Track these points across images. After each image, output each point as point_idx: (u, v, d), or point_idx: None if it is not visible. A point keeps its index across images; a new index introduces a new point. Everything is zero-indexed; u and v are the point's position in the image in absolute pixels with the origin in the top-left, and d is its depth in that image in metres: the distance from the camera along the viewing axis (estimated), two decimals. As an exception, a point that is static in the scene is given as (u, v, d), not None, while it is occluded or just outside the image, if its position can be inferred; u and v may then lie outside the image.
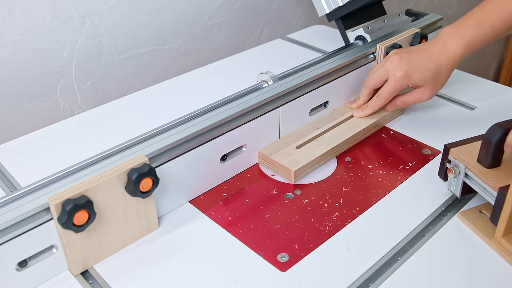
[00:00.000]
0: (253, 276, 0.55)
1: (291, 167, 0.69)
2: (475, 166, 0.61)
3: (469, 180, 0.62)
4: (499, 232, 0.58)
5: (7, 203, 0.52)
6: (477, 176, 0.60)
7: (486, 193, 0.60)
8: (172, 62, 1.10)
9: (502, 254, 0.58)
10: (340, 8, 0.90)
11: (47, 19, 0.88)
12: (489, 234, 0.60)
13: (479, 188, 0.61)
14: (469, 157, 0.62)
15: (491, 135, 0.59)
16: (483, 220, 0.62)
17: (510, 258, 0.57)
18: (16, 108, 0.90)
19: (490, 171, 0.60)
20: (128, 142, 0.62)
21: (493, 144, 0.59)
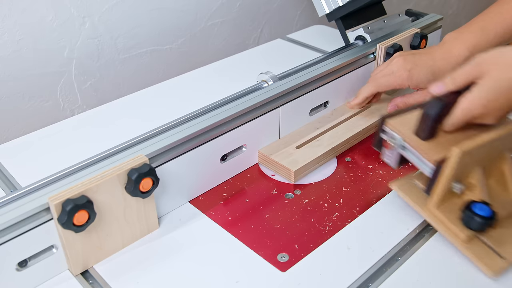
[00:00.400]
0: (253, 276, 0.55)
1: (291, 167, 0.69)
2: (412, 138, 0.61)
3: (406, 152, 0.62)
4: (433, 203, 0.59)
5: (7, 203, 0.52)
6: (414, 148, 0.61)
7: (422, 165, 0.60)
8: (172, 62, 1.10)
9: (435, 223, 0.59)
10: (340, 8, 0.90)
11: (47, 19, 0.88)
12: (422, 204, 0.60)
13: (415, 160, 0.61)
14: (405, 129, 0.62)
15: (430, 109, 0.59)
16: (416, 190, 0.62)
17: (443, 227, 0.58)
18: (16, 108, 0.90)
19: (426, 144, 0.60)
20: (128, 142, 0.62)
21: (432, 118, 0.59)
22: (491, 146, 0.58)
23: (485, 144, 0.57)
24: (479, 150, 0.57)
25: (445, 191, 0.58)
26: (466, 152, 0.55)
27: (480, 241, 0.57)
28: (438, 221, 0.59)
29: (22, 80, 0.89)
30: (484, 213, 0.55)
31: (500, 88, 0.56)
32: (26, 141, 0.76)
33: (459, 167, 0.56)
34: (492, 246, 0.57)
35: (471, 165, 0.58)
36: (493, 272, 0.54)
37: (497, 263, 0.55)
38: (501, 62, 0.57)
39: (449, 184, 0.58)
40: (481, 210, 0.55)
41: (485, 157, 0.59)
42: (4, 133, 0.90)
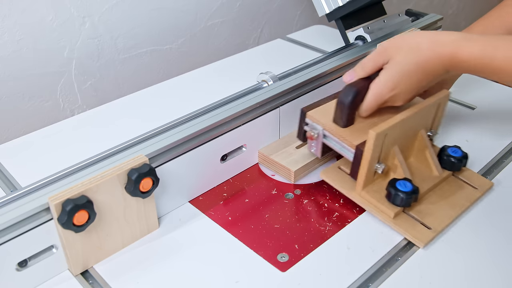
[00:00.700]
0: (253, 276, 0.55)
1: (291, 167, 0.69)
2: (332, 127, 0.64)
3: (328, 140, 0.65)
4: (359, 185, 0.63)
5: (7, 203, 0.52)
6: (334, 136, 0.64)
7: (344, 151, 0.63)
8: (172, 62, 1.10)
9: (364, 204, 0.62)
10: (340, 8, 0.90)
11: (47, 19, 0.88)
12: (350, 188, 0.64)
13: (338, 147, 0.64)
14: (325, 118, 0.65)
15: (344, 97, 0.62)
16: (343, 176, 0.66)
17: (372, 207, 0.62)
18: (16, 108, 0.90)
19: (346, 130, 0.64)
20: (128, 142, 0.62)
21: (347, 105, 0.62)
22: (404, 125, 0.62)
23: (399, 124, 0.61)
24: (394, 130, 0.61)
25: (369, 173, 0.62)
26: (381, 134, 0.59)
27: (408, 216, 0.61)
28: (366, 202, 0.62)
29: (22, 80, 0.89)
30: (406, 189, 0.59)
31: (404, 71, 0.60)
32: (26, 141, 0.76)
33: (378, 148, 0.60)
34: (419, 219, 0.61)
35: (390, 146, 0.62)
36: (423, 243, 0.58)
37: (425, 234, 0.59)
38: (404, 47, 0.61)
39: (372, 165, 0.61)
40: (403, 186, 0.59)
41: (401, 136, 0.63)
42: (4, 133, 0.90)
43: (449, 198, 0.64)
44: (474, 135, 0.78)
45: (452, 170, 0.67)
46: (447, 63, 0.60)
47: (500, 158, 0.73)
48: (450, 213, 0.62)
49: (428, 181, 0.65)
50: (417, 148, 0.67)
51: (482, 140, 0.77)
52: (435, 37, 0.60)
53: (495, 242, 0.59)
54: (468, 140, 0.77)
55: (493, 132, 0.79)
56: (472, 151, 0.74)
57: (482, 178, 0.67)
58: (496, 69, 0.58)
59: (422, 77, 0.61)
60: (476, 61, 0.58)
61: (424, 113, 0.65)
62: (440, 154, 0.67)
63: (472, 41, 0.58)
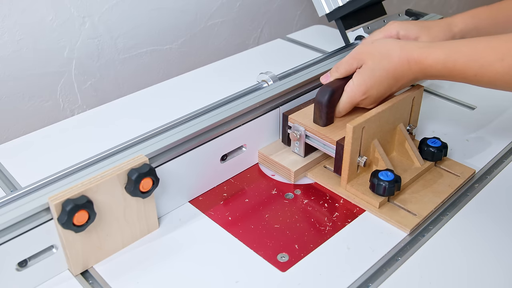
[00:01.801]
0: (253, 276, 0.55)
1: (291, 167, 0.69)
2: (313, 127, 0.68)
3: (310, 140, 0.69)
4: (344, 180, 0.66)
5: (7, 203, 0.52)
6: (316, 135, 0.67)
7: (326, 148, 0.67)
8: (172, 62, 1.10)
9: (350, 198, 0.65)
10: (340, 8, 0.90)
11: (47, 19, 0.88)
12: (335, 184, 0.67)
13: (320, 145, 0.68)
14: (306, 120, 0.69)
15: (321, 97, 0.66)
16: (329, 173, 0.69)
17: (358, 200, 0.65)
18: (16, 108, 0.90)
19: (326, 129, 0.67)
20: (128, 142, 0.62)
21: (324, 104, 0.66)
22: (381, 118, 0.65)
23: (375, 117, 0.64)
24: (371, 123, 0.64)
25: (352, 167, 0.65)
26: (358, 127, 0.62)
27: (393, 205, 0.64)
28: (352, 195, 0.65)
29: (22, 80, 0.89)
30: (388, 178, 0.62)
31: (376, 77, 0.64)
32: (26, 141, 0.76)
33: (357, 141, 0.63)
34: (403, 206, 0.63)
35: (369, 139, 0.65)
36: (409, 228, 0.60)
37: (410, 219, 0.61)
38: (376, 53, 0.64)
39: (353, 159, 0.64)
40: (386, 176, 0.62)
41: (379, 130, 0.66)
42: (4, 133, 0.90)
43: (433, 186, 0.66)
44: (474, 135, 0.78)
45: (433, 160, 0.69)
46: (416, 70, 0.63)
47: (500, 158, 0.73)
48: (435, 200, 0.64)
49: (410, 171, 0.67)
50: (398, 142, 0.70)
51: (482, 140, 0.77)
52: (404, 44, 0.64)
53: (495, 242, 0.59)
54: (468, 140, 0.77)
55: (493, 132, 0.79)
56: (472, 151, 0.74)
57: (463, 166, 0.70)
58: (460, 73, 0.60)
59: (393, 82, 0.65)
60: (441, 66, 0.61)
61: (400, 107, 0.68)
62: (421, 146, 0.69)
63: (436, 48, 0.61)
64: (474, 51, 0.58)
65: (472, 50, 0.59)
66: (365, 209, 0.64)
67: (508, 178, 0.69)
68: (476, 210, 0.64)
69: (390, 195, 0.62)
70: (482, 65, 0.58)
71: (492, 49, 0.57)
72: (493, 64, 0.57)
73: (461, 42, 0.61)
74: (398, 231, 0.61)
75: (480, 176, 0.70)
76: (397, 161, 0.70)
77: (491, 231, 0.61)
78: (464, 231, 0.61)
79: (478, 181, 0.69)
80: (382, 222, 0.62)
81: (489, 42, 0.58)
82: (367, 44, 0.66)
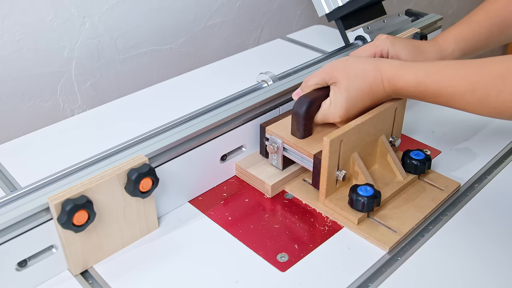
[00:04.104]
0: (253, 276, 0.55)
1: (268, 181, 0.66)
2: (290, 139, 0.65)
3: (288, 153, 0.66)
4: (322, 194, 0.63)
5: (7, 203, 0.52)
6: (293, 148, 0.65)
7: (304, 162, 0.64)
8: (172, 62, 1.10)
9: (329, 213, 0.63)
10: (340, 8, 0.90)
11: (47, 19, 0.88)
12: (314, 198, 0.65)
13: (297, 158, 0.65)
14: (283, 132, 0.66)
15: (298, 108, 0.64)
16: (307, 187, 0.67)
17: (336, 215, 0.62)
18: (16, 108, 0.90)
19: (303, 141, 0.65)
20: (128, 142, 0.62)
21: (302, 116, 0.64)
22: (361, 131, 0.63)
23: (354, 129, 0.62)
24: (350, 136, 0.61)
25: (330, 181, 0.62)
26: (336, 140, 0.59)
27: (372, 221, 0.61)
28: (331, 211, 0.63)
29: (22, 80, 0.89)
30: (367, 193, 0.59)
31: (352, 97, 0.62)
32: (26, 141, 0.76)
33: (335, 155, 0.61)
34: (383, 223, 0.61)
35: (348, 152, 0.63)
36: (388, 246, 0.58)
37: (390, 237, 0.59)
38: (351, 73, 0.63)
39: (331, 173, 0.62)
40: (365, 191, 0.59)
41: (359, 142, 0.64)
42: (4, 133, 0.90)
43: (415, 201, 0.64)
44: (474, 135, 0.78)
45: (416, 173, 0.66)
46: (389, 90, 0.62)
47: (500, 158, 0.73)
48: (417, 215, 0.61)
49: (392, 185, 0.65)
50: (380, 155, 0.68)
51: (482, 140, 0.77)
52: (378, 64, 0.62)
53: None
54: (468, 140, 0.77)
55: (493, 132, 0.78)
56: (472, 151, 0.74)
57: (448, 179, 0.67)
58: (432, 97, 0.59)
59: (368, 102, 0.63)
60: (413, 89, 0.60)
61: (381, 118, 0.65)
62: (403, 158, 0.67)
63: (409, 70, 0.60)
64: (443, 78, 0.57)
65: (441, 77, 0.57)
66: (343, 225, 0.61)
67: (509, 178, 0.69)
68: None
69: (369, 211, 0.60)
70: (452, 94, 0.56)
71: (461, 78, 0.55)
72: (464, 94, 0.55)
73: (432, 67, 0.59)
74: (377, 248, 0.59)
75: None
76: (379, 174, 0.67)
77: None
78: (464, 231, 0.61)
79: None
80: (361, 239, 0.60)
81: (458, 70, 0.56)
82: (342, 61, 0.64)
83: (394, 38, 0.72)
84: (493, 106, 0.53)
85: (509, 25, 0.72)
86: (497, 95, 0.52)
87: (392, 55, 0.71)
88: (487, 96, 0.53)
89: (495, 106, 0.53)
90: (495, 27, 0.72)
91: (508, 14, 0.71)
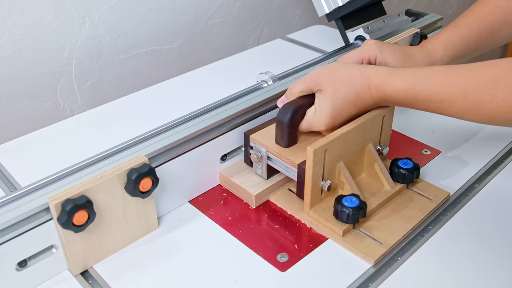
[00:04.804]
0: (253, 276, 0.55)
1: (252, 190, 0.65)
2: (275, 148, 0.64)
3: (272, 162, 0.65)
4: (307, 205, 0.61)
5: (7, 203, 0.52)
6: (277, 157, 0.63)
7: (288, 171, 0.63)
8: (172, 62, 1.10)
9: (313, 224, 0.61)
10: (340, 8, 0.90)
11: (47, 19, 0.88)
12: (298, 209, 0.63)
13: (282, 168, 0.64)
14: (268, 140, 0.65)
15: (282, 116, 0.62)
16: (292, 197, 0.65)
17: (321, 226, 0.60)
18: (16, 108, 0.90)
19: (288, 150, 0.63)
20: (128, 142, 0.62)
21: (286, 124, 0.62)
22: (346, 140, 0.61)
23: (339, 138, 0.60)
24: (335, 145, 0.60)
25: (314, 191, 0.60)
26: (320, 150, 0.58)
27: (358, 232, 0.60)
28: (315, 222, 0.61)
29: (22, 80, 0.89)
30: (352, 204, 0.58)
31: (337, 105, 0.60)
32: (26, 141, 0.76)
33: (319, 165, 0.59)
34: (369, 234, 0.59)
35: (334, 162, 0.61)
36: (373, 259, 0.56)
37: (375, 250, 0.57)
38: (336, 81, 0.61)
39: (316, 183, 0.60)
40: (350, 202, 0.58)
41: (345, 151, 0.62)
42: (4, 133, 0.90)
43: (403, 211, 0.62)
44: (474, 135, 0.78)
45: (405, 182, 0.65)
46: (376, 97, 0.61)
47: (500, 158, 0.73)
48: (404, 226, 0.60)
49: (379, 195, 0.63)
50: (367, 163, 0.66)
51: (482, 140, 0.77)
52: (365, 71, 0.61)
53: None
54: (468, 140, 0.77)
55: (493, 132, 0.78)
56: (472, 151, 0.74)
57: (437, 188, 0.66)
58: (422, 104, 0.57)
59: (354, 110, 0.62)
60: (402, 96, 0.58)
61: (368, 126, 0.64)
62: (391, 167, 0.65)
63: (397, 76, 0.58)
64: (433, 84, 0.56)
65: (431, 83, 0.56)
66: (328, 237, 0.60)
67: (508, 178, 0.69)
68: (476, 208, 0.63)
69: (354, 222, 0.58)
70: (443, 100, 0.55)
71: (452, 84, 0.54)
72: (455, 100, 0.54)
73: (422, 73, 0.57)
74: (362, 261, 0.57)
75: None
76: (366, 184, 0.65)
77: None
78: (463, 230, 0.61)
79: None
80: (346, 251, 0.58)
81: (448, 76, 0.55)
82: (328, 68, 0.62)
83: (382, 43, 0.69)
84: (486, 112, 0.52)
85: (498, 29, 0.71)
86: (490, 99, 0.51)
87: (380, 61, 0.69)
88: (479, 101, 0.52)
89: (488, 111, 0.52)
90: (484, 32, 0.71)
91: (496, 18, 0.70)
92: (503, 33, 0.71)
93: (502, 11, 0.70)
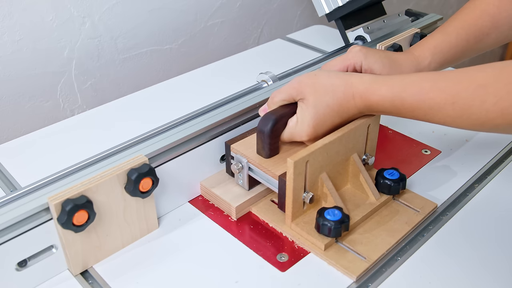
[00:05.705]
0: (253, 276, 0.55)
1: (233, 202, 0.63)
2: (256, 158, 0.62)
3: (253, 173, 0.63)
4: (288, 217, 0.59)
5: (7, 203, 0.52)
6: (258, 167, 0.61)
7: (269, 183, 0.61)
8: (172, 62, 1.10)
9: (295, 238, 0.59)
10: (340, 8, 0.90)
11: (47, 19, 0.88)
12: (280, 221, 0.61)
13: (263, 179, 0.62)
14: (249, 150, 0.63)
15: (263, 126, 0.60)
16: (274, 208, 0.63)
17: (303, 240, 0.58)
18: (16, 108, 0.90)
19: (269, 161, 0.61)
20: (128, 142, 0.62)
21: (267, 134, 0.60)
22: (329, 150, 0.59)
23: (321, 149, 0.58)
24: (317, 156, 0.57)
25: (296, 203, 0.58)
26: (300, 161, 0.55)
27: (341, 246, 0.58)
28: (297, 235, 0.59)
29: (22, 80, 0.89)
30: (335, 218, 0.55)
31: (320, 114, 0.58)
32: (26, 141, 0.76)
33: (300, 177, 0.57)
34: (352, 248, 0.57)
35: (316, 173, 0.59)
36: (355, 275, 0.54)
37: (358, 264, 0.55)
38: (319, 89, 0.59)
39: (297, 195, 0.58)
40: (332, 215, 0.56)
41: (328, 162, 0.60)
42: (4, 133, 0.90)
43: (388, 224, 0.60)
44: (474, 135, 0.78)
45: (390, 193, 0.63)
46: (361, 105, 0.58)
47: (500, 158, 0.73)
48: (388, 240, 0.58)
49: (363, 207, 0.61)
50: (352, 174, 0.64)
51: (482, 140, 0.77)
52: (348, 78, 0.59)
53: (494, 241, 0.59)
54: (468, 140, 0.77)
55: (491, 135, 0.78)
56: (472, 151, 0.74)
57: (424, 199, 0.64)
58: (409, 112, 0.55)
59: (337, 119, 0.60)
60: (388, 104, 0.56)
61: (352, 136, 0.61)
62: (377, 177, 0.63)
63: (383, 84, 0.56)
64: (421, 90, 0.54)
65: (419, 90, 0.54)
66: (309, 251, 0.58)
67: (508, 177, 0.69)
68: (476, 208, 0.62)
69: (336, 236, 0.56)
70: (431, 107, 0.53)
71: (440, 90, 0.53)
72: (443, 107, 0.52)
73: (408, 79, 0.56)
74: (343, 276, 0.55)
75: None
76: (351, 195, 0.63)
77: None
78: (463, 230, 0.61)
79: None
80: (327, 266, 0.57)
81: (436, 82, 0.53)
82: (310, 76, 0.60)
83: (368, 50, 0.66)
84: (476, 118, 0.51)
85: (486, 34, 0.69)
86: (480, 105, 0.50)
87: (365, 68, 0.66)
88: (469, 107, 0.51)
89: (477, 118, 0.51)
90: (472, 37, 0.69)
91: (484, 23, 0.69)
92: (491, 38, 0.70)
93: (490, 16, 0.68)
